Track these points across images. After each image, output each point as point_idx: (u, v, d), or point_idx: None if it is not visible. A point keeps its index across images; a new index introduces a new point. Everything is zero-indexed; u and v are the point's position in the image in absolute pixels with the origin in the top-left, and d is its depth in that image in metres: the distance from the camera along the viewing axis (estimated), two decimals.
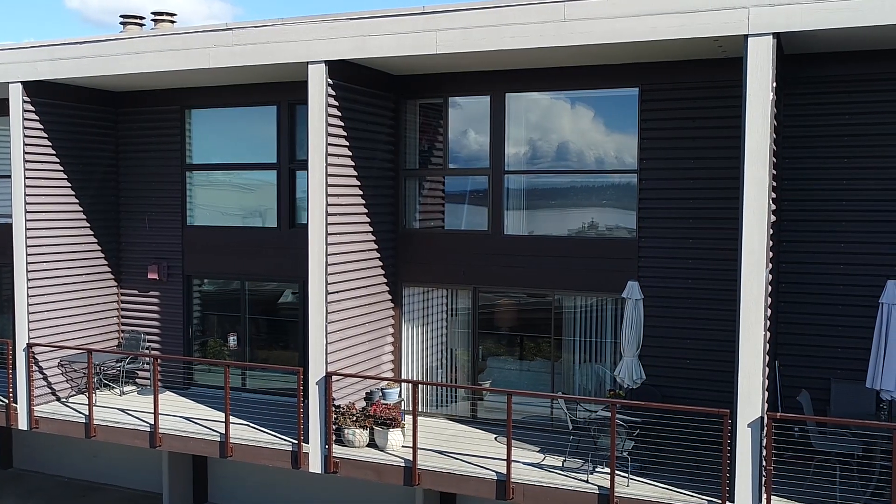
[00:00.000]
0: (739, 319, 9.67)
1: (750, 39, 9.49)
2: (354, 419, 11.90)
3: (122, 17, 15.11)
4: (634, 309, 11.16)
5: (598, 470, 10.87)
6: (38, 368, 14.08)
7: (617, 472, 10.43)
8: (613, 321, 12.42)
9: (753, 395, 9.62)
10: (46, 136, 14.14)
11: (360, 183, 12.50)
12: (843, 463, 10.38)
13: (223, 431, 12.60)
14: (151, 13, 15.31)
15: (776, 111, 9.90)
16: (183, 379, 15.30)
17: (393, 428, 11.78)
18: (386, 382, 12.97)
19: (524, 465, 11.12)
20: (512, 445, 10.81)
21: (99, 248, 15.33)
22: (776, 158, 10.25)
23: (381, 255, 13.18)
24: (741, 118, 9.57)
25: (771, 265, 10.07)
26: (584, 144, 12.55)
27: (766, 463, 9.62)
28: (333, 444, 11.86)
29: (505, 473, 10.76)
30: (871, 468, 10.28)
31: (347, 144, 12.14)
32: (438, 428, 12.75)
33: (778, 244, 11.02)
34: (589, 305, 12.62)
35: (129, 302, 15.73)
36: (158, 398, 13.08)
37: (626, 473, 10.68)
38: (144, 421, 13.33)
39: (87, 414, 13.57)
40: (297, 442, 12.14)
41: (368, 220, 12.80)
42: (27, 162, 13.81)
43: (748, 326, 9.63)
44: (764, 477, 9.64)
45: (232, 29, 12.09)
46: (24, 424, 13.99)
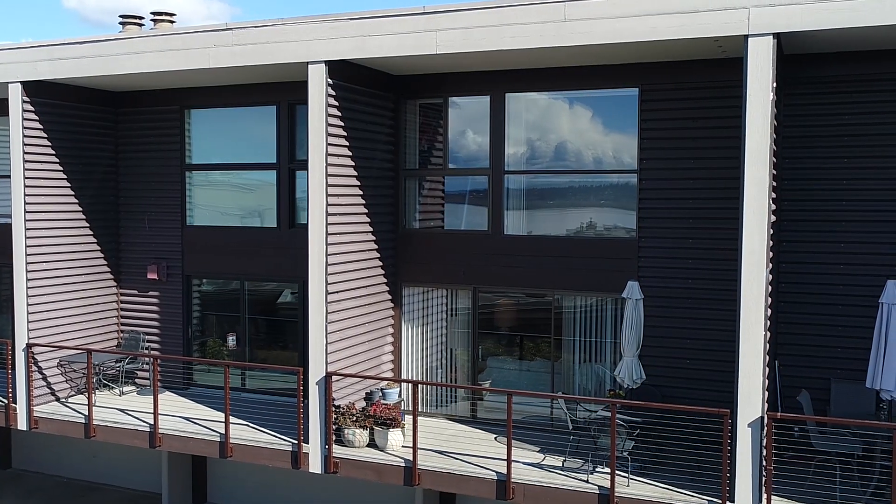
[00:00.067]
0: (739, 319, 9.68)
1: (750, 40, 9.50)
2: (354, 419, 11.90)
3: (121, 17, 15.07)
4: (634, 309, 11.17)
5: (598, 470, 10.87)
6: (37, 368, 14.07)
7: (617, 472, 10.44)
8: (613, 321, 12.43)
9: (753, 394, 9.63)
10: (46, 136, 14.13)
11: (359, 183, 12.50)
12: (843, 463, 10.39)
13: (223, 431, 12.60)
14: (151, 13, 15.28)
15: (776, 111, 9.90)
16: (182, 379, 15.30)
17: (393, 428, 11.78)
18: (386, 382, 12.97)
19: (524, 465, 11.12)
20: (512, 445, 10.81)
21: (98, 248, 15.32)
22: (776, 158, 10.26)
23: (380, 255, 13.18)
24: (741, 118, 9.58)
25: (771, 265, 10.08)
26: (583, 144, 12.56)
27: (766, 463, 9.62)
28: (333, 444, 11.86)
29: (505, 473, 10.76)
30: (871, 468, 10.29)
31: (347, 144, 12.14)
32: (438, 428, 12.75)
33: (778, 244, 11.03)
34: (589, 305, 12.63)
35: (128, 302, 15.72)
36: (158, 398, 13.08)
37: (626, 473, 10.68)
38: (144, 421, 13.33)
39: (86, 414, 13.56)
40: (297, 442, 12.14)
41: (368, 220, 12.80)
42: (27, 162, 13.80)
43: (748, 326, 9.64)
44: (764, 477, 9.65)
45: (232, 29, 12.08)
46: (23, 425, 13.97)
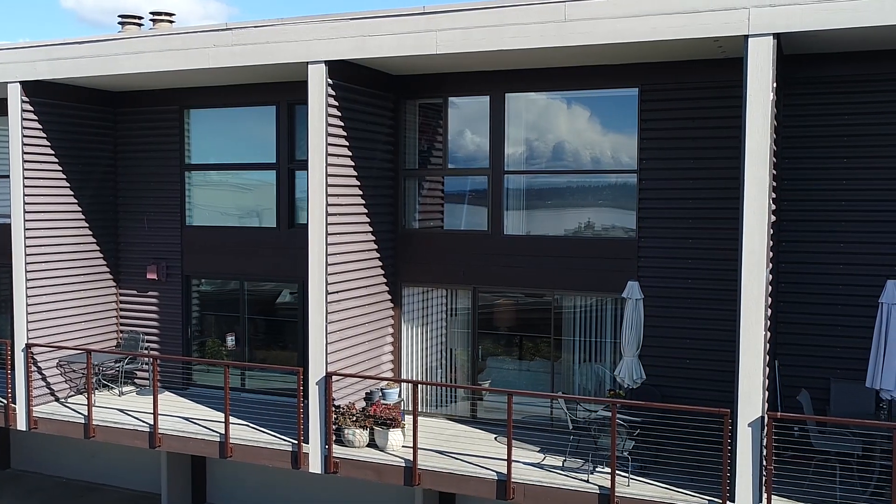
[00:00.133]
0: (739, 319, 9.68)
1: (750, 40, 9.51)
2: (354, 419, 11.90)
3: (120, 17, 15.05)
4: (634, 309, 11.17)
5: (598, 470, 10.88)
6: (36, 369, 14.05)
7: (617, 471, 10.45)
8: (613, 321, 12.43)
9: (754, 394, 9.64)
10: (45, 136, 14.12)
11: (359, 183, 12.50)
12: (843, 462, 10.40)
13: (223, 432, 12.59)
14: (150, 13, 15.25)
15: (776, 111, 9.91)
16: (182, 379, 15.29)
17: (393, 428, 11.78)
18: (386, 382, 12.96)
19: (524, 464, 11.13)
20: (512, 445, 10.81)
21: (98, 248, 15.31)
22: (776, 158, 10.27)
23: (380, 255, 13.18)
24: (742, 118, 9.59)
25: (771, 265, 10.08)
26: (583, 144, 12.56)
27: (766, 462, 9.63)
28: (333, 444, 11.86)
29: (505, 473, 10.76)
30: (871, 468, 10.31)
31: (347, 144, 12.13)
32: (438, 428, 12.75)
33: (778, 244, 11.04)
34: (589, 305, 12.63)
35: (127, 302, 15.71)
36: (158, 398, 13.06)
37: (626, 473, 10.69)
38: (144, 421, 13.32)
39: (86, 414, 13.55)
40: (296, 442, 12.14)
41: (368, 220, 12.79)
42: (26, 162, 13.78)
43: (748, 326, 9.65)
44: (764, 476, 9.66)
45: (231, 29, 12.07)
46: (22, 425, 13.96)
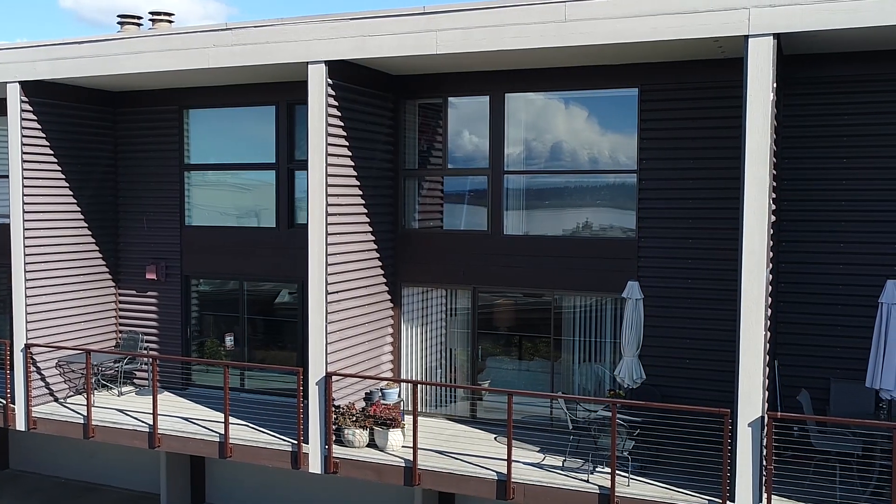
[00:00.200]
0: (739, 319, 9.68)
1: (750, 40, 9.51)
2: (354, 419, 11.89)
3: (119, 17, 15.01)
4: (634, 309, 11.17)
5: (598, 470, 10.88)
6: (35, 369, 14.04)
7: (617, 471, 10.45)
8: (613, 321, 12.43)
9: (754, 394, 9.64)
10: (45, 136, 14.10)
11: (359, 183, 12.49)
12: (843, 462, 10.41)
13: (222, 432, 12.58)
14: (149, 13, 15.23)
15: (776, 111, 9.92)
16: (181, 379, 15.28)
17: (393, 428, 11.77)
18: (386, 382, 12.96)
19: (524, 464, 11.13)
20: (512, 445, 10.81)
21: (97, 248, 15.30)
22: (776, 158, 10.27)
23: (380, 255, 13.18)
24: (742, 118, 9.59)
25: (771, 265, 10.09)
26: (582, 144, 12.56)
27: (766, 462, 9.63)
28: (333, 444, 11.85)
29: (505, 473, 10.76)
30: (871, 467, 10.31)
31: (347, 144, 12.13)
32: (438, 428, 12.74)
33: (778, 244, 11.04)
34: (588, 305, 12.63)
35: (127, 302, 15.69)
36: (157, 398, 13.05)
37: (626, 473, 10.69)
38: (143, 421, 13.31)
39: (85, 414, 13.53)
40: (296, 442, 12.13)
41: (368, 220, 12.79)
42: (25, 162, 13.77)
43: (748, 326, 9.65)
44: (764, 476, 9.66)
45: (231, 29, 12.06)
46: (21, 425, 13.94)
